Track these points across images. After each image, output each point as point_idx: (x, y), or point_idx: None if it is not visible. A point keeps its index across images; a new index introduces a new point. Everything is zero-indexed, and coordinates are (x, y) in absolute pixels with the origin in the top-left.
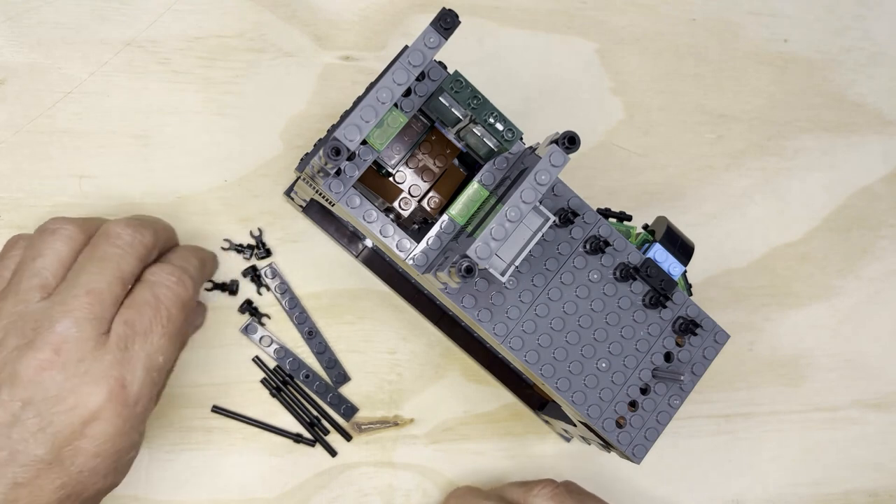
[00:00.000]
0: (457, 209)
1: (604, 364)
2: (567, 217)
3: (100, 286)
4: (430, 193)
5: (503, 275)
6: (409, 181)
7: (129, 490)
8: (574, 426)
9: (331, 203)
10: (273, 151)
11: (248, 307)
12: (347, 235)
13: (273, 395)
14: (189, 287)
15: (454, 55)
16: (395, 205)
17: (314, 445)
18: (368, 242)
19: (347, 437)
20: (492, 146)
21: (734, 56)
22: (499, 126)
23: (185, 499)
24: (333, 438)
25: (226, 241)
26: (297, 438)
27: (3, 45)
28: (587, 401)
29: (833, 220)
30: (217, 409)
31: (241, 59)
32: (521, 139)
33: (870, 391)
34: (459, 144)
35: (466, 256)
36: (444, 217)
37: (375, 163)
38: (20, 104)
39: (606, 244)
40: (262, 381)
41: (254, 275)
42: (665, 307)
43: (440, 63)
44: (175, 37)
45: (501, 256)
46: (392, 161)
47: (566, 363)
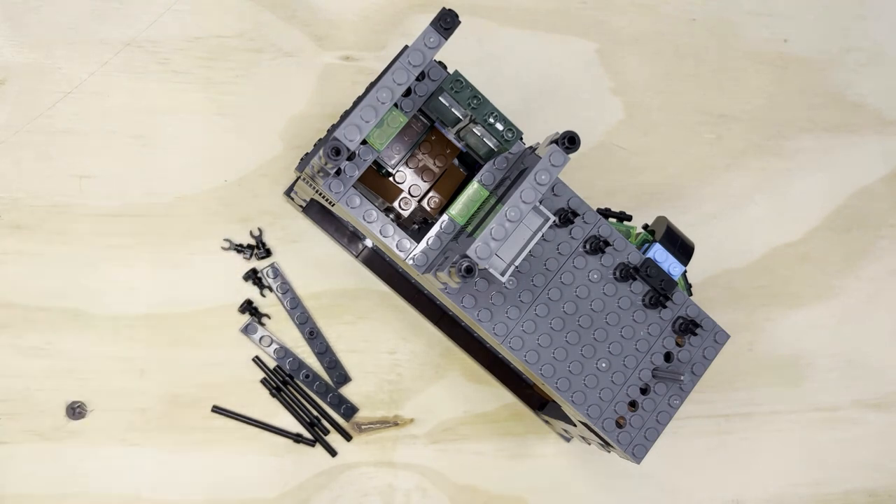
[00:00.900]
0: (457, 209)
1: (604, 364)
2: (567, 217)
3: None
4: (430, 193)
5: (503, 275)
6: (409, 181)
7: (130, 490)
8: (574, 426)
9: (331, 203)
10: (273, 151)
11: (248, 307)
12: (347, 235)
13: (273, 395)
14: None
15: (454, 55)
16: (395, 205)
17: (314, 445)
18: (368, 242)
19: (347, 437)
20: (492, 146)
21: (734, 56)
22: (499, 126)
23: (185, 499)
24: (333, 438)
25: (226, 241)
26: (297, 438)
27: (3, 45)
28: (587, 401)
29: (833, 220)
30: (217, 409)
31: (241, 59)
32: (521, 139)
33: (870, 391)
34: (459, 144)
35: (466, 256)
36: (444, 217)
37: (375, 163)
38: (20, 104)
39: (606, 244)
40: (262, 381)
41: (254, 278)
42: (665, 307)
43: (440, 63)
44: (175, 37)
45: (501, 256)
46: (392, 161)
47: (566, 363)
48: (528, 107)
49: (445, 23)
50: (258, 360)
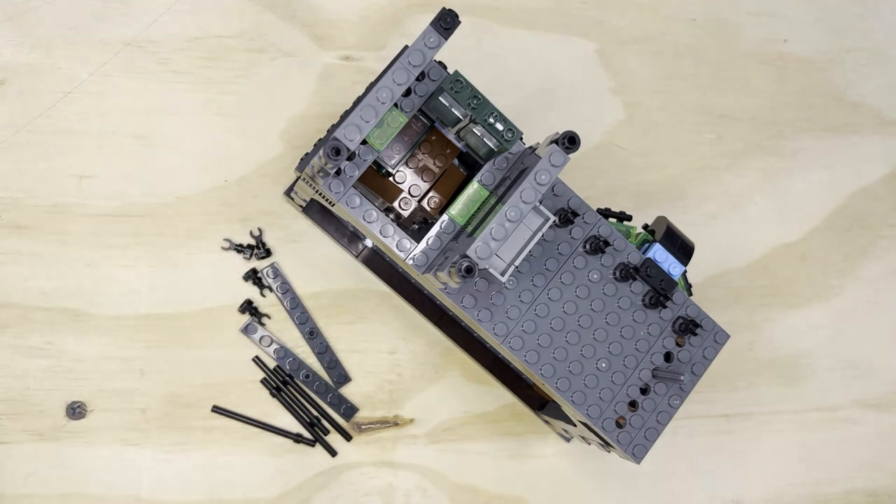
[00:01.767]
0: (457, 209)
1: (604, 364)
2: (567, 217)
3: None
4: (430, 193)
5: (503, 275)
6: (409, 181)
7: (130, 490)
8: (574, 426)
9: (331, 203)
10: (273, 151)
11: (248, 307)
12: (347, 235)
13: (273, 395)
14: None
15: (454, 55)
16: (396, 205)
17: (314, 445)
18: (368, 242)
19: (347, 437)
20: (492, 146)
21: (734, 56)
22: (499, 126)
23: (186, 499)
24: (333, 438)
25: (226, 241)
26: (297, 438)
27: (3, 45)
28: (587, 401)
29: (833, 220)
30: (217, 409)
31: (241, 59)
32: (521, 139)
33: (870, 391)
34: (459, 144)
35: (466, 256)
36: (444, 217)
37: (375, 163)
38: (20, 104)
39: (606, 244)
40: (262, 381)
41: (254, 278)
42: (665, 307)
43: (440, 63)
44: (175, 37)
45: (501, 256)
46: (392, 161)
47: (566, 363)
48: (528, 107)
49: (445, 23)
50: (258, 360)
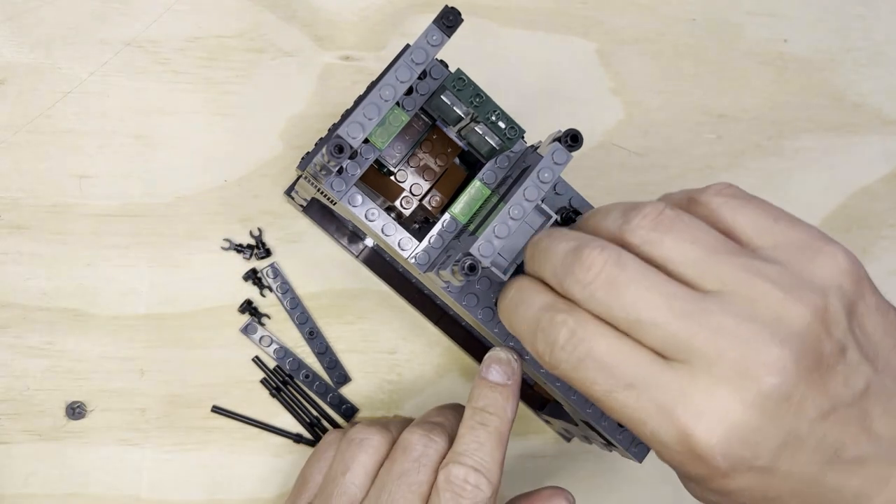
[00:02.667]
0: (458, 207)
1: None
2: (569, 215)
3: None
4: (432, 192)
5: (505, 273)
6: (411, 180)
7: (130, 490)
8: (575, 425)
9: (332, 202)
10: (273, 151)
11: (248, 307)
12: (348, 235)
13: (273, 396)
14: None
15: (454, 55)
16: (397, 203)
17: (314, 445)
18: (369, 242)
19: None
20: (494, 144)
21: (734, 56)
22: (501, 124)
23: (186, 499)
24: None
25: (226, 241)
26: (298, 438)
27: (3, 45)
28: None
29: (833, 220)
30: (217, 409)
31: (241, 59)
32: (523, 137)
33: None
34: (461, 143)
35: (469, 254)
36: (446, 216)
37: (377, 161)
38: (20, 104)
39: None
40: (262, 381)
41: (254, 278)
42: None
43: (442, 62)
44: (175, 37)
45: (503, 255)
46: (393, 160)
47: None
48: (528, 107)
49: (448, 21)
50: (258, 360)
